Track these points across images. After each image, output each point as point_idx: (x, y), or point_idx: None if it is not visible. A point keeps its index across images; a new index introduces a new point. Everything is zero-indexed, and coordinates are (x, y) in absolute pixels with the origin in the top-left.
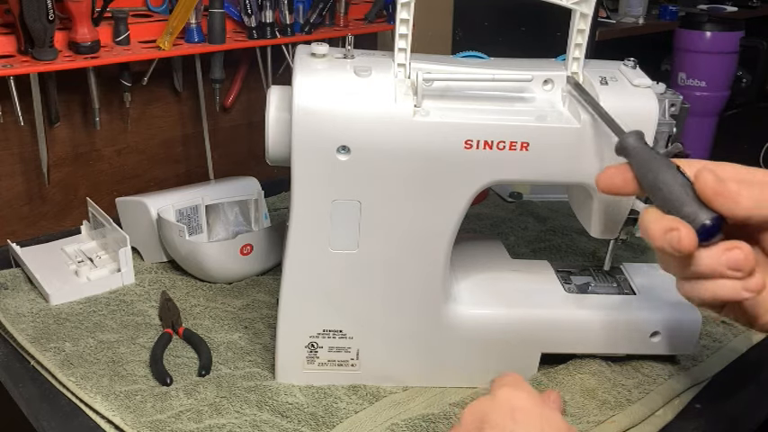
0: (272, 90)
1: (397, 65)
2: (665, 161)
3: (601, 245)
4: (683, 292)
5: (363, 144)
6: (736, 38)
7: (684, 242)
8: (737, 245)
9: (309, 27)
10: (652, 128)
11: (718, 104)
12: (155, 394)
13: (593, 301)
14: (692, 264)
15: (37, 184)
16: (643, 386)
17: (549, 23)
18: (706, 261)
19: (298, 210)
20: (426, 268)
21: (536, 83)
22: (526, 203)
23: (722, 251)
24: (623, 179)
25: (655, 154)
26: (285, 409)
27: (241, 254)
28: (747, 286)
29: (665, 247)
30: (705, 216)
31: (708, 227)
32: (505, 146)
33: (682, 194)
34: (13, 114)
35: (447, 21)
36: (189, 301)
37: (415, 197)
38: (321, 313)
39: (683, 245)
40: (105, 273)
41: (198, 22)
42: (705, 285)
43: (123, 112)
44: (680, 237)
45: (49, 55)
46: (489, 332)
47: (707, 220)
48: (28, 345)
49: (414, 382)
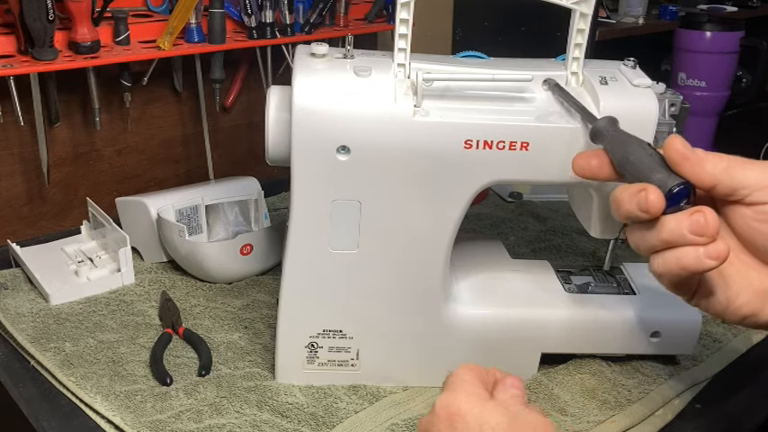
0: (271, 90)
1: (396, 65)
2: (636, 139)
3: (601, 245)
4: (653, 268)
5: (363, 144)
6: (736, 38)
7: (652, 202)
8: (700, 209)
9: (309, 27)
10: (652, 128)
11: (718, 104)
12: (155, 394)
13: (593, 301)
14: (658, 230)
15: (37, 184)
16: (643, 386)
17: (549, 23)
18: (670, 225)
19: (298, 210)
20: (426, 268)
21: (536, 83)
22: (526, 203)
23: (685, 216)
24: (599, 162)
25: (627, 135)
26: (285, 409)
27: (241, 254)
28: (709, 252)
29: (634, 209)
30: (672, 181)
31: (675, 191)
32: (505, 146)
33: (651, 163)
34: (13, 114)
35: (447, 21)
36: (189, 301)
37: (415, 197)
38: (321, 313)
39: (650, 204)
40: (105, 273)
41: (198, 22)
42: (670, 254)
43: (123, 112)
44: (647, 196)
45: (49, 55)
46: (489, 332)
47: (674, 185)
48: (28, 345)
49: (414, 382)
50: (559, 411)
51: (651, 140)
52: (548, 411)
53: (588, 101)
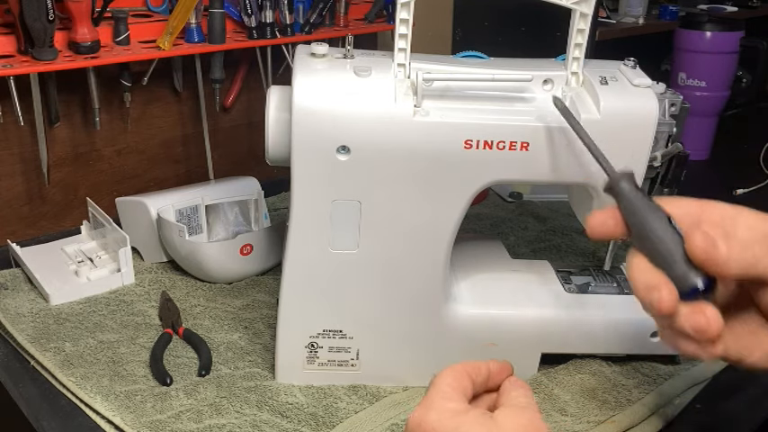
0: (271, 90)
1: (396, 65)
2: (654, 209)
3: (601, 245)
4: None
5: (363, 144)
6: (736, 38)
7: (664, 305)
8: (702, 309)
9: (309, 27)
10: (652, 128)
11: (718, 104)
12: (155, 394)
13: (593, 301)
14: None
15: (37, 184)
16: (643, 386)
17: (549, 23)
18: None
19: (298, 210)
20: (426, 268)
21: (536, 83)
22: (526, 203)
23: (690, 312)
24: (615, 224)
25: (645, 200)
26: (285, 409)
27: (241, 254)
28: (708, 351)
29: (645, 303)
30: (695, 278)
31: (697, 289)
32: (505, 146)
33: (672, 251)
34: (13, 114)
35: (447, 21)
36: (189, 301)
37: (416, 197)
38: (321, 313)
39: (662, 307)
40: (105, 273)
41: (198, 22)
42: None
43: (123, 112)
44: (660, 298)
45: (49, 55)
46: (489, 332)
47: (698, 283)
48: (28, 345)
49: (414, 382)
50: (559, 411)
51: (651, 141)
52: (548, 411)
53: (588, 101)
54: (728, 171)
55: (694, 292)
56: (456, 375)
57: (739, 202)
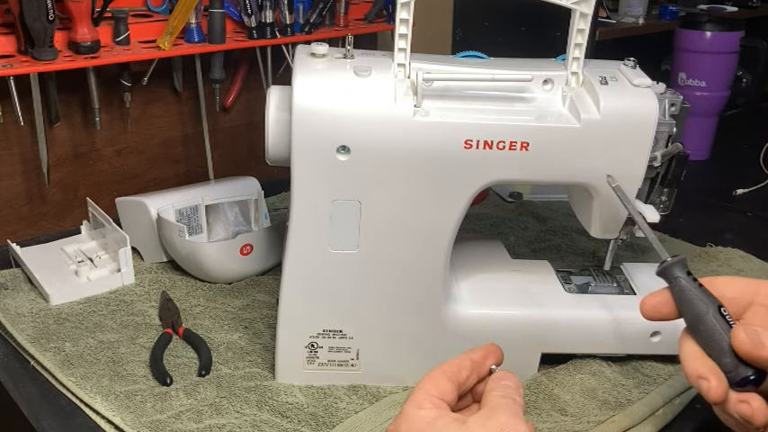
0: (271, 90)
1: (396, 65)
2: (705, 298)
3: (601, 245)
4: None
5: (363, 144)
6: (736, 38)
7: (712, 394)
8: (749, 399)
9: (309, 27)
10: (652, 128)
11: (718, 104)
12: (155, 394)
13: (593, 301)
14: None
15: (37, 184)
16: (643, 386)
17: (549, 23)
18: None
19: (298, 210)
20: (426, 268)
21: (536, 83)
22: (526, 203)
23: (737, 402)
24: (669, 311)
25: (697, 289)
26: (285, 409)
27: (241, 254)
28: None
29: (695, 385)
30: (745, 370)
31: (747, 378)
32: (505, 146)
33: (721, 342)
34: (13, 114)
35: (447, 21)
36: (189, 301)
37: (415, 197)
38: (321, 313)
39: (710, 396)
40: (105, 273)
41: (198, 22)
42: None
43: (123, 112)
44: (709, 388)
45: (48, 55)
46: (489, 332)
47: (749, 375)
48: (28, 345)
49: (414, 382)
50: (559, 411)
51: (651, 141)
52: (548, 411)
53: (588, 101)
54: (728, 171)
55: (744, 382)
56: (433, 381)
57: (739, 202)
